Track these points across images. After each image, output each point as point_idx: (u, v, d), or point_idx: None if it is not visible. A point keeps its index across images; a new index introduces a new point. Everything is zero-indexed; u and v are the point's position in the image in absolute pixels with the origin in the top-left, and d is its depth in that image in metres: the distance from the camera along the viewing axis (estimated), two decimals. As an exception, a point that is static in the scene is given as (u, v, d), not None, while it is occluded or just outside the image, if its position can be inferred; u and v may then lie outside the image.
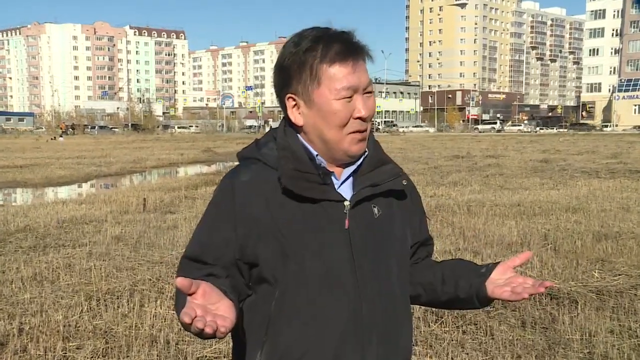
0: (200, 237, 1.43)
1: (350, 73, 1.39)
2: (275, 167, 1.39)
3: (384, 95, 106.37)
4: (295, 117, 1.42)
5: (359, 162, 1.47)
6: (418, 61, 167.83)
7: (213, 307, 1.20)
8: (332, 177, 1.44)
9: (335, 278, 1.38)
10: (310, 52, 1.38)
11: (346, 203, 1.42)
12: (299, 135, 1.44)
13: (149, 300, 5.14)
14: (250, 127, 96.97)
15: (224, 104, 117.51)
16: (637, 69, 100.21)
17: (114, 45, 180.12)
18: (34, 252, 7.04)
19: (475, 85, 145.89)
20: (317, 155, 1.42)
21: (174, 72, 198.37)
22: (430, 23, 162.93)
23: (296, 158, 1.40)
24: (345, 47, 1.39)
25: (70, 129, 79.43)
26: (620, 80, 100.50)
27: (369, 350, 1.40)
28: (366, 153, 1.47)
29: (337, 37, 1.40)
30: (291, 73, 1.39)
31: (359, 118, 1.39)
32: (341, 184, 1.46)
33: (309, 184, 1.38)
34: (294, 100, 1.41)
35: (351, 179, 1.47)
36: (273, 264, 1.37)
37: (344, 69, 1.38)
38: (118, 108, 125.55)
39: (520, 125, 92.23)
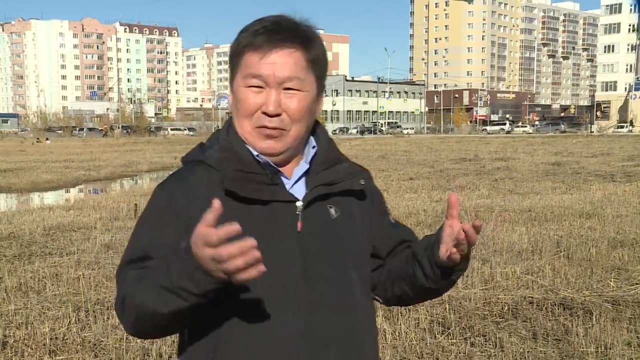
0: (140, 240, 1.36)
1: (264, 62, 1.34)
2: (219, 169, 1.36)
3: (387, 95, 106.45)
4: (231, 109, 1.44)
5: (309, 160, 1.43)
6: (423, 59, 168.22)
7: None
8: (282, 177, 1.40)
9: (286, 291, 1.32)
10: (236, 41, 1.40)
11: (298, 204, 1.37)
12: None
13: (140, 311, 5.13)
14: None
15: (220, 105, 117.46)
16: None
17: (103, 42, 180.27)
18: (18, 261, 7.04)
19: (483, 84, 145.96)
20: (257, 154, 1.38)
21: (167, 71, 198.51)
22: (436, 19, 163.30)
23: (239, 158, 1.37)
24: (264, 34, 1.35)
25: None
26: (637, 78, 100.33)
27: None
28: (315, 150, 1.44)
29: (260, 23, 1.38)
30: (229, 63, 1.42)
31: (264, 113, 1.36)
32: (294, 183, 1.41)
33: (256, 185, 1.34)
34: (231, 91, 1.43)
35: (304, 178, 1.42)
36: None
37: (256, 56, 1.35)
38: (108, 109, 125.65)
39: (526, 126, 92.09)
